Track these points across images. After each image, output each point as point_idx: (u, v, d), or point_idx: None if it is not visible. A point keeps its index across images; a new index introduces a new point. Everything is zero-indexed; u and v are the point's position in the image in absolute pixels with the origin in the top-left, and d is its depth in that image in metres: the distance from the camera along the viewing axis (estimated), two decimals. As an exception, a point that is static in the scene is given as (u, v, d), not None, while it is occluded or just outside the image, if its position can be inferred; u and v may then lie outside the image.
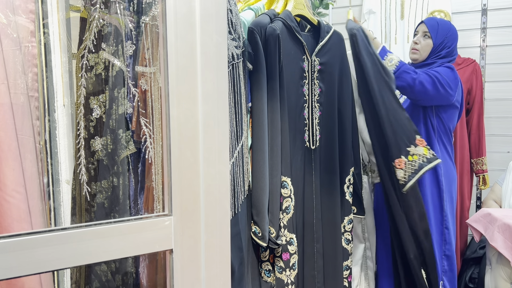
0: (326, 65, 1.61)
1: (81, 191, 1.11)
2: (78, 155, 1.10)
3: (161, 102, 1.03)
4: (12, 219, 0.99)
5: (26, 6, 1.04)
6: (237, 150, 1.31)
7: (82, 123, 1.10)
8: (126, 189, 1.09)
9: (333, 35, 1.64)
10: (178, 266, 0.69)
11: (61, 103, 1.18)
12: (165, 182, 0.71)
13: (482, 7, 2.66)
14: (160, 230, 0.68)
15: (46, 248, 0.60)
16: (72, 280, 1.17)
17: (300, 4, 1.59)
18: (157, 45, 1.04)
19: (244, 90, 1.37)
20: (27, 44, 1.04)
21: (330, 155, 1.63)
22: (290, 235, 1.49)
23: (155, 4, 1.05)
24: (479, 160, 2.47)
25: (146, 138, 1.06)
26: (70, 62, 1.20)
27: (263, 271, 1.51)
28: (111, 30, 1.08)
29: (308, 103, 1.58)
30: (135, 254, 0.69)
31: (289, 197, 1.49)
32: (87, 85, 1.10)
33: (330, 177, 1.63)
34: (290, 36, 1.51)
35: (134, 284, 1.13)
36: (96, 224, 0.64)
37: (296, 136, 1.55)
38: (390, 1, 2.80)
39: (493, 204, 2.25)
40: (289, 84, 1.51)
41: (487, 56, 2.66)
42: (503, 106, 2.63)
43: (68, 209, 1.17)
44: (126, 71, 1.08)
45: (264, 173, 1.40)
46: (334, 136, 1.64)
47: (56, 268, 0.62)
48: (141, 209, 1.12)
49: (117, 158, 1.08)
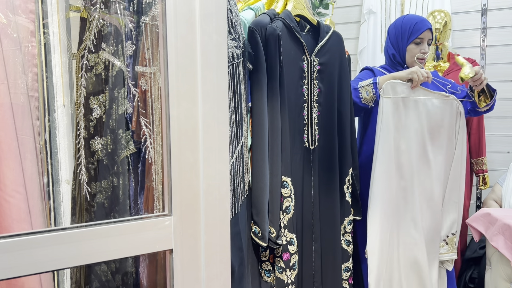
0: (325, 65, 1.61)
1: (81, 191, 1.11)
2: (78, 155, 1.10)
3: (161, 102, 1.03)
4: (12, 219, 0.99)
5: (26, 6, 1.04)
6: (237, 150, 1.31)
7: (82, 123, 1.10)
8: (126, 189, 1.09)
9: (332, 35, 1.64)
10: (178, 266, 0.69)
11: (61, 103, 1.18)
12: (165, 182, 0.71)
13: (482, 7, 2.66)
14: (160, 230, 0.68)
15: (46, 248, 0.60)
16: (72, 280, 1.17)
17: (300, 4, 1.59)
18: (157, 45, 1.04)
19: (244, 90, 1.37)
20: (27, 44, 1.04)
21: (329, 156, 1.63)
22: (290, 235, 1.49)
23: (155, 4, 1.05)
24: (479, 160, 2.47)
25: (146, 138, 1.06)
26: (70, 62, 1.20)
27: (263, 271, 1.51)
28: (111, 30, 1.08)
29: (308, 103, 1.58)
30: (135, 254, 0.70)
31: (290, 197, 1.49)
32: (87, 85, 1.10)
33: (329, 178, 1.63)
34: (290, 36, 1.51)
35: (134, 284, 1.13)
36: (96, 224, 0.64)
37: (296, 136, 1.55)
38: (390, 1, 2.81)
39: (493, 204, 2.25)
40: (289, 84, 1.51)
41: (487, 56, 2.66)
42: (503, 106, 2.63)
43: (68, 209, 1.17)
44: (126, 71, 1.08)
45: (264, 173, 1.40)
46: (333, 136, 1.64)
47: (56, 268, 0.62)
48: (141, 209, 1.12)
49: (117, 158, 1.08)
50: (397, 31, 1.87)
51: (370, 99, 1.73)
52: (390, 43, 1.90)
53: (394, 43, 1.88)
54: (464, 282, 2.34)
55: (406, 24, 1.84)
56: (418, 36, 1.80)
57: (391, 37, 1.90)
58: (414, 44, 1.82)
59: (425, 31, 1.80)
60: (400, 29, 1.84)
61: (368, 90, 1.72)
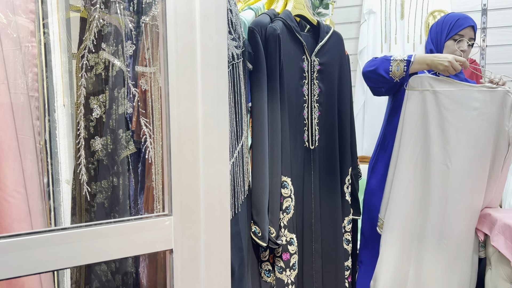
0: (325, 65, 1.61)
1: (81, 191, 1.11)
2: (78, 155, 1.10)
3: (161, 102, 1.03)
4: (12, 219, 0.99)
5: (26, 6, 1.04)
6: (237, 150, 1.31)
7: (82, 123, 1.10)
8: (126, 189, 1.09)
9: (332, 35, 1.64)
10: (178, 266, 0.69)
11: (61, 103, 1.18)
12: (165, 182, 0.71)
13: (482, 7, 2.66)
14: (160, 230, 0.68)
15: (46, 248, 0.60)
16: (72, 280, 1.17)
17: (300, 4, 1.59)
18: (157, 45, 1.04)
19: (244, 90, 1.37)
20: (27, 44, 1.04)
21: (330, 156, 1.64)
22: (290, 235, 1.49)
23: (155, 4, 1.05)
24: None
25: (146, 138, 1.06)
26: (70, 62, 1.20)
27: (263, 271, 1.51)
28: (111, 30, 1.08)
29: (308, 103, 1.58)
30: (135, 254, 0.70)
31: (290, 197, 1.49)
32: (87, 85, 1.10)
33: (330, 178, 1.63)
34: (290, 36, 1.51)
35: (134, 284, 1.13)
36: (96, 224, 0.64)
37: (296, 136, 1.55)
38: (390, 1, 2.81)
39: (493, 204, 2.25)
40: (289, 84, 1.51)
41: (487, 56, 2.66)
42: (503, 106, 2.62)
43: (68, 209, 1.17)
44: (126, 71, 1.08)
45: (264, 173, 1.40)
46: (334, 136, 1.64)
47: (56, 268, 0.62)
48: (141, 209, 1.12)
49: (117, 158, 1.08)
50: (438, 27, 1.78)
51: (399, 74, 1.63)
52: (430, 38, 1.80)
53: (433, 39, 1.78)
54: (464, 282, 2.34)
55: (448, 20, 1.75)
56: (458, 33, 1.69)
57: (431, 33, 1.80)
58: (453, 41, 1.71)
59: (467, 28, 1.68)
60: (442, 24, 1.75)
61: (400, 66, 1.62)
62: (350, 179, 1.70)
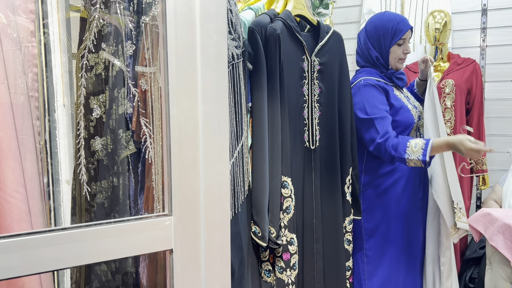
0: (325, 65, 1.61)
1: (81, 191, 1.11)
2: (78, 155, 1.10)
3: (161, 102, 1.03)
4: (12, 219, 0.99)
5: (26, 6, 1.04)
6: (237, 150, 1.31)
7: (82, 123, 1.10)
8: (126, 189, 1.09)
9: (332, 35, 1.64)
10: (178, 266, 0.69)
11: (61, 103, 1.18)
12: (165, 182, 0.71)
13: (482, 7, 2.66)
14: (160, 230, 0.68)
15: (46, 248, 0.60)
16: (72, 280, 1.17)
17: (300, 4, 1.59)
18: (157, 45, 1.04)
19: (244, 90, 1.37)
20: (27, 44, 1.04)
21: (331, 156, 1.63)
22: (290, 235, 1.49)
23: (155, 4, 1.05)
24: (479, 160, 2.47)
25: (146, 138, 1.06)
26: (70, 62, 1.20)
27: (263, 271, 1.51)
28: (111, 30, 1.08)
29: (308, 103, 1.58)
30: (135, 254, 0.70)
31: (290, 197, 1.49)
32: (87, 85, 1.10)
33: (330, 178, 1.63)
34: (290, 36, 1.51)
35: (134, 284, 1.13)
36: (96, 224, 0.64)
37: (296, 136, 1.55)
38: (390, 1, 2.81)
39: (493, 204, 2.25)
40: (289, 84, 1.51)
41: (487, 56, 2.66)
42: (503, 106, 2.63)
43: (68, 209, 1.17)
44: (126, 71, 1.08)
45: (264, 173, 1.40)
46: (334, 136, 1.64)
47: (56, 268, 0.62)
48: (141, 209, 1.12)
49: (117, 158, 1.08)
50: (377, 32, 1.76)
51: (414, 164, 1.61)
52: (371, 44, 1.79)
53: (376, 45, 1.78)
54: (464, 282, 2.34)
55: (387, 25, 1.75)
56: (401, 37, 1.74)
57: (370, 38, 1.79)
58: (397, 46, 1.75)
59: (408, 31, 1.74)
60: (382, 29, 1.75)
61: (417, 164, 1.59)
62: (350, 179, 1.70)
